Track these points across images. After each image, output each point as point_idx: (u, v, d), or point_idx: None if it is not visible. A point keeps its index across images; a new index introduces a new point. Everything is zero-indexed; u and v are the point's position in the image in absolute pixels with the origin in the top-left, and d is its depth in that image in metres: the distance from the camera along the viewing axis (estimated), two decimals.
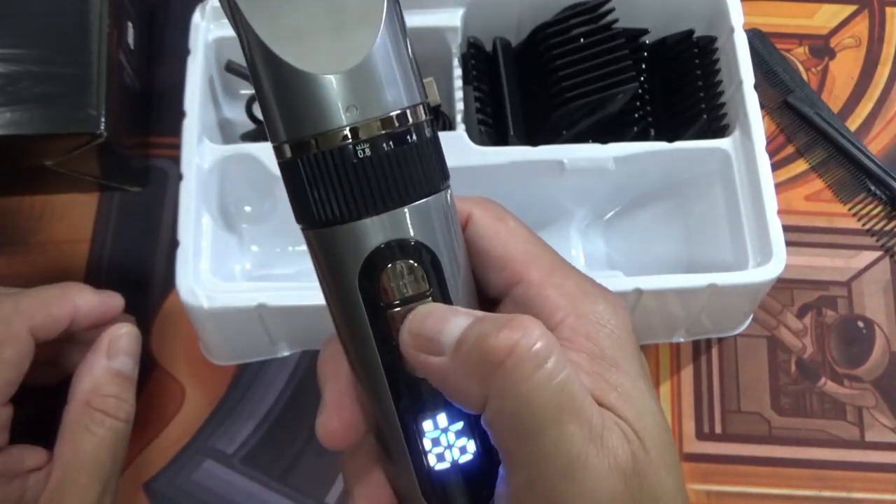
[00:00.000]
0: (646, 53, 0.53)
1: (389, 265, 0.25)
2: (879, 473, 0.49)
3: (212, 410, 0.50)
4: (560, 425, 0.24)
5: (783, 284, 0.53)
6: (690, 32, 0.52)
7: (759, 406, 0.51)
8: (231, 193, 0.49)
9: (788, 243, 0.45)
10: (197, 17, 0.50)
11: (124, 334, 0.43)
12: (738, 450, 0.50)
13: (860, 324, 0.53)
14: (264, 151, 0.48)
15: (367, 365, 0.27)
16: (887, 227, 0.55)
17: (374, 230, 0.25)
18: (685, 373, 0.51)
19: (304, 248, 0.54)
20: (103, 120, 0.48)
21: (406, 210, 0.25)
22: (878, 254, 0.55)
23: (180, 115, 0.47)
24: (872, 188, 0.56)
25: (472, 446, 0.27)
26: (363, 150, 0.24)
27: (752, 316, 0.52)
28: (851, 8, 0.62)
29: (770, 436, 0.50)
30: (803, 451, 0.50)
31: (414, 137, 0.24)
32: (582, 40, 0.49)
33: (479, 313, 0.26)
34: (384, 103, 0.24)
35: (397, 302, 0.25)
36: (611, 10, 0.49)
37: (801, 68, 0.60)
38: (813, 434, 0.50)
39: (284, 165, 0.25)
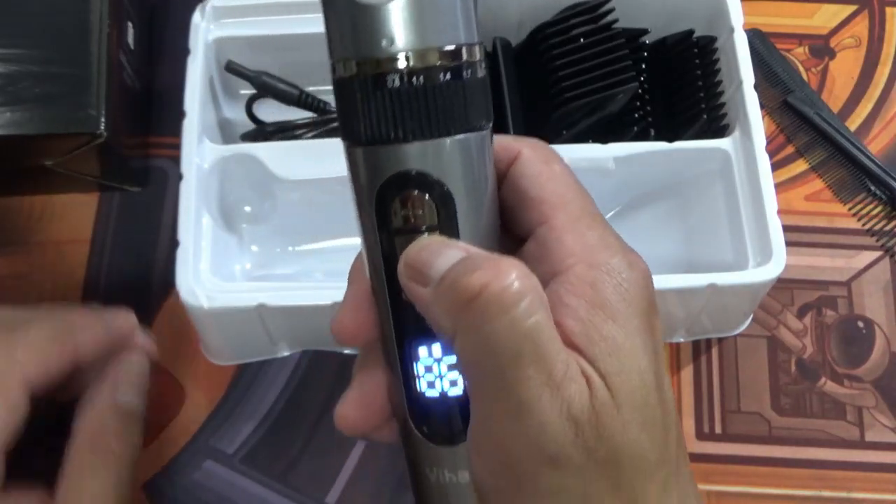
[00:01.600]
0: (646, 53, 0.53)
1: (402, 193, 0.26)
2: (879, 473, 0.49)
3: (212, 410, 0.50)
4: (518, 368, 0.24)
5: (783, 284, 0.53)
6: (690, 32, 0.52)
7: (759, 406, 0.51)
8: (231, 193, 0.49)
9: (788, 243, 0.45)
10: (197, 17, 0.50)
11: (133, 365, 0.41)
12: (738, 450, 0.50)
13: (860, 324, 0.53)
14: (264, 151, 0.48)
15: (376, 282, 0.28)
16: (887, 227, 0.55)
17: (400, 157, 0.25)
18: (685, 373, 0.51)
19: (305, 248, 0.54)
20: (103, 120, 0.48)
21: (436, 143, 0.25)
22: (878, 254, 0.55)
23: (180, 115, 0.47)
24: (872, 188, 0.56)
25: (461, 382, 0.28)
26: (411, 78, 0.25)
27: (752, 316, 0.52)
28: (851, 8, 0.62)
29: (770, 436, 0.50)
30: (803, 451, 0.50)
31: (463, 74, 0.25)
32: (582, 40, 0.49)
33: (474, 250, 0.26)
34: (443, 36, 0.25)
35: (405, 229, 0.26)
36: (611, 10, 0.49)
37: (801, 68, 0.60)
38: (813, 434, 0.50)
39: (339, 82, 0.26)
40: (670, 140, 0.49)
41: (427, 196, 0.26)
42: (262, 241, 0.52)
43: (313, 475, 0.49)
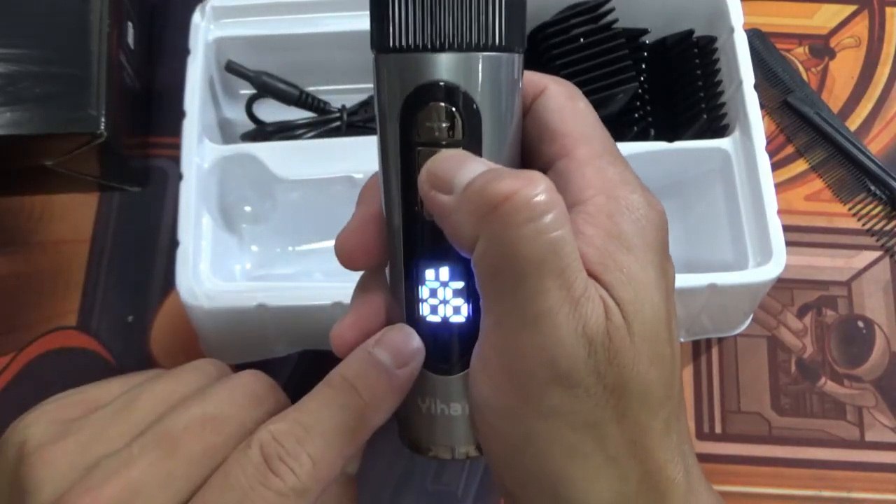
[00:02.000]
0: (646, 53, 0.53)
1: (431, 104, 0.26)
2: (879, 473, 0.49)
3: None
4: (539, 278, 0.24)
5: (783, 284, 0.53)
6: (690, 32, 0.52)
7: (759, 406, 0.51)
8: (231, 193, 0.49)
9: (788, 243, 0.45)
10: (197, 17, 0.50)
11: (397, 332, 0.31)
12: (738, 450, 0.50)
13: (860, 324, 0.53)
14: (264, 151, 0.48)
15: (391, 197, 0.28)
16: (887, 227, 0.55)
17: (433, 66, 0.26)
18: (685, 373, 0.51)
19: (305, 248, 0.54)
20: (103, 120, 0.48)
21: (467, 57, 0.26)
22: (878, 254, 0.55)
23: (180, 115, 0.47)
24: (872, 188, 0.56)
25: (465, 310, 0.28)
26: None
27: (752, 316, 0.52)
28: (851, 8, 0.62)
29: (770, 436, 0.50)
30: (803, 451, 0.50)
31: None
32: (582, 40, 0.49)
33: (498, 165, 0.26)
34: None
35: (429, 142, 0.26)
36: (611, 10, 0.50)
37: (801, 68, 0.60)
38: (813, 434, 0.50)
39: None
40: (670, 140, 0.49)
41: (455, 110, 0.26)
42: (262, 241, 0.52)
43: None
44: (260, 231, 0.51)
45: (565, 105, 0.28)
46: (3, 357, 0.51)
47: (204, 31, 0.50)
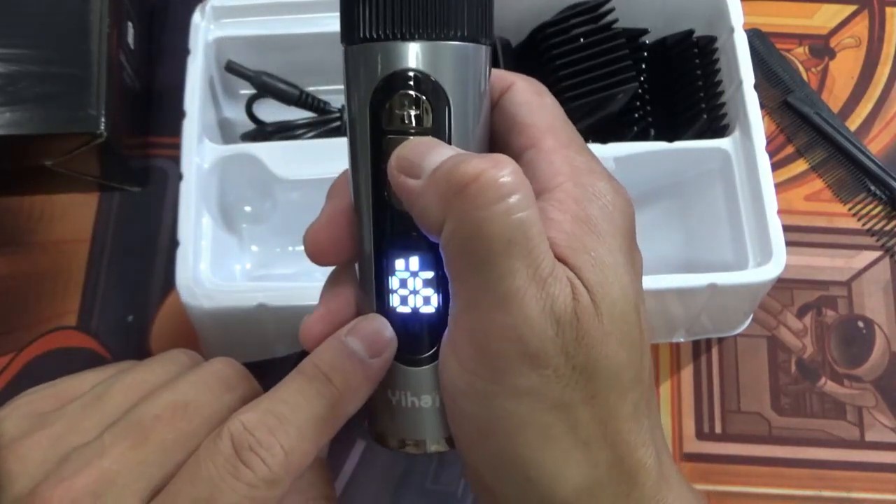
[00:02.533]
0: (646, 53, 0.53)
1: (401, 91, 0.26)
2: (879, 473, 0.49)
3: None
4: (507, 258, 0.25)
5: (783, 284, 0.53)
6: (690, 32, 0.52)
7: (759, 406, 0.51)
8: (231, 193, 0.49)
9: (788, 243, 0.45)
10: (197, 17, 0.50)
11: (369, 322, 0.31)
12: (738, 450, 0.50)
13: (860, 324, 0.53)
14: (264, 151, 0.48)
15: (360, 187, 0.28)
16: (887, 227, 0.55)
17: (400, 55, 0.26)
18: (685, 373, 0.51)
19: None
20: (103, 120, 0.48)
21: (438, 45, 0.26)
22: (878, 254, 0.55)
23: (180, 115, 0.47)
24: (872, 188, 0.56)
25: (435, 300, 0.28)
26: None
27: (752, 316, 0.52)
28: (851, 8, 0.62)
29: (770, 436, 0.50)
30: (803, 451, 0.50)
31: None
32: (582, 40, 0.49)
33: (466, 152, 0.26)
34: None
35: (398, 129, 0.27)
36: (611, 10, 0.49)
37: (801, 68, 0.60)
38: (813, 434, 0.50)
39: None
40: (670, 140, 0.48)
41: (424, 98, 0.26)
42: (262, 241, 0.52)
43: None
44: (260, 231, 0.51)
45: (532, 99, 0.29)
46: (3, 357, 0.51)
47: (204, 31, 0.50)
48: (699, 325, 0.50)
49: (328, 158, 0.48)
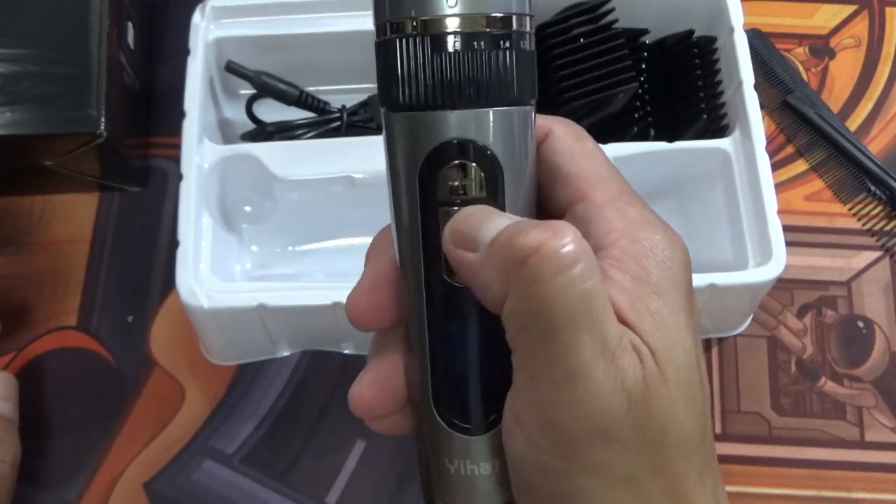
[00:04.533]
0: (646, 53, 0.53)
1: (452, 162, 0.25)
2: (879, 473, 0.49)
3: (212, 410, 0.50)
4: (573, 332, 0.24)
5: (783, 284, 0.53)
6: (690, 32, 0.52)
7: (759, 406, 0.51)
8: (231, 193, 0.49)
9: (788, 243, 0.45)
10: (197, 17, 0.50)
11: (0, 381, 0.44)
12: (738, 450, 0.50)
13: (860, 324, 0.53)
14: (264, 151, 0.48)
15: (410, 257, 0.27)
16: (887, 227, 0.55)
17: (449, 124, 0.25)
18: None
19: (305, 248, 0.54)
20: (103, 120, 0.48)
21: (485, 112, 0.25)
22: (878, 254, 0.55)
23: (180, 115, 0.47)
24: (872, 188, 0.56)
25: (491, 367, 0.27)
26: (461, 42, 0.24)
27: (752, 316, 0.52)
28: (851, 8, 0.62)
29: (770, 436, 0.50)
30: (803, 451, 0.50)
31: (513, 44, 0.25)
32: (582, 40, 0.49)
33: (522, 218, 0.26)
34: (493, 2, 0.25)
35: (450, 201, 0.26)
36: (611, 10, 0.49)
37: (801, 68, 0.60)
38: (813, 434, 0.50)
39: (381, 45, 0.25)
40: (670, 140, 0.48)
41: (475, 166, 0.25)
42: (262, 241, 0.52)
43: (313, 475, 0.49)
44: (260, 231, 0.51)
45: (574, 147, 0.28)
46: (3, 357, 0.51)
47: (204, 31, 0.50)
48: (699, 326, 0.50)
49: (328, 158, 0.48)
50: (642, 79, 0.52)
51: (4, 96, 0.48)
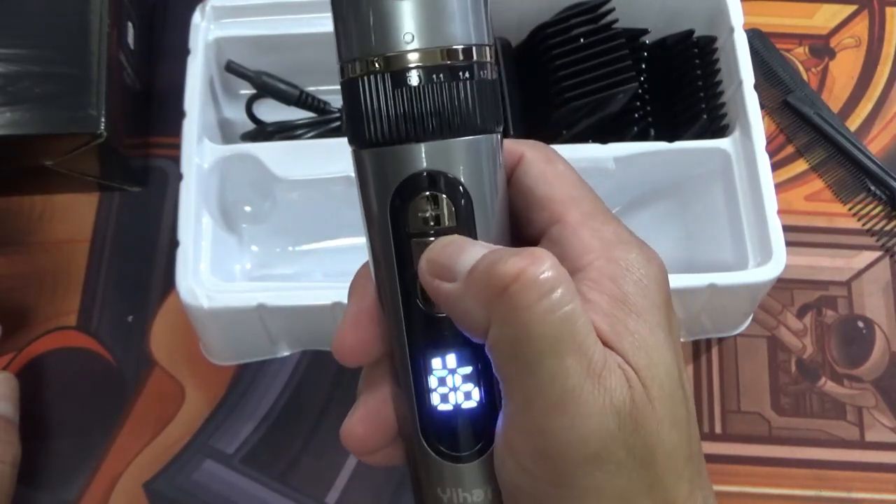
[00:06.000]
0: (646, 53, 0.53)
1: (421, 194, 0.26)
2: (879, 473, 0.49)
3: (212, 410, 0.50)
4: (558, 357, 0.24)
5: (783, 284, 0.53)
6: (690, 32, 0.52)
7: (759, 406, 0.51)
8: (231, 193, 0.49)
9: (788, 243, 0.45)
10: (197, 17, 0.50)
11: (2, 378, 0.44)
12: (738, 450, 0.50)
13: (860, 324, 0.53)
14: (264, 151, 0.48)
15: (387, 290, 0.27)
16: (887, 227, 0.55)
17: (416, 156, 0.25)
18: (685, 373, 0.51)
19: (305, 248, 0.54)
20: (103, 120, 0.48)
21: (450, 143, 0.25)
22: (878, 254, 0.55)
23: (180, 115, 0.47)
24: (872, 188, 0.56)
25: (476, 394, 0.27)
26: (421, 76, 0.24)
27: (752, 316, 0.52)
28: (851, 8, 0.62)
29: (770, 436, 0.50)
30: (803, 451, 0.50)
31: (474, 74, 0.25)
32: (582, 40, 0.49)
33: (498, 246, 0.26)
34: (451, 35, 0.25)
35: (423, 231, 0.26)
36: (611, 10, 0.49)
37: (801, 68, 0.60)
38: (813, 434, 0.50)
39: (346, 84, 0.25)
40: (670, 140, 0.48)
41: (445, 196, 0.26)
42: (262, 241, 0.52)
43: (313, 475, 0.49)
44: (260, 231, 0.51)
45: (546, 169, 0.28)
46: (3, 357, 0.51)
47: (204, 31, 0.50)
48: (699, 325, 0.50)
49: (328, 158, 0.48)
50: (642, 79, 0.52)
51: (4, 96, 0.48)
